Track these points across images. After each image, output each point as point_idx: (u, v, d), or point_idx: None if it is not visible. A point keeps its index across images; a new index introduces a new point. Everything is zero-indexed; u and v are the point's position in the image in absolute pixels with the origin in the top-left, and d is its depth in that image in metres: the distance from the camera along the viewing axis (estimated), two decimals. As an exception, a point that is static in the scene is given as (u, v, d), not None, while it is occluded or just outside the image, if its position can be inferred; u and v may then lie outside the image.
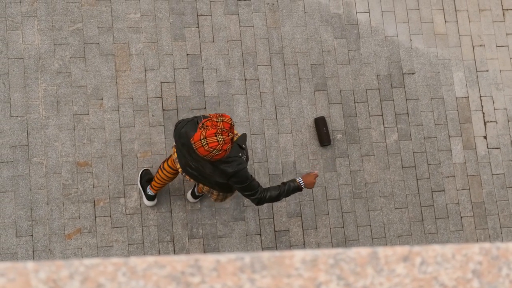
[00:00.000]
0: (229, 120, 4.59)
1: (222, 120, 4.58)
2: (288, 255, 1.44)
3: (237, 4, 6.70)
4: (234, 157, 4.79)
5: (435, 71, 6.91)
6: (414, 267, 1.48)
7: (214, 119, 4.59)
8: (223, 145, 4.52)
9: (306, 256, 1.44)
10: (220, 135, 4.53)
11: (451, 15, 7.06)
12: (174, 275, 1.35)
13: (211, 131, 4.53)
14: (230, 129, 4.59)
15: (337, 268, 1.44)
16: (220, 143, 4.52)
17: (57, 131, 6.15)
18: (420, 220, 6.59)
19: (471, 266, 1.50)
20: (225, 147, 4.53)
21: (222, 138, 4.53)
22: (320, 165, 6.51)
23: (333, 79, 6.69)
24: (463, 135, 6.83)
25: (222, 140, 4.53)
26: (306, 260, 1.43)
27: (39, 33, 6.30)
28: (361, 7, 6.91)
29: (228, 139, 4.54)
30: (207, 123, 4.58)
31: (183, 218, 6.20)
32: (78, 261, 1.32)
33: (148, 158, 6.24)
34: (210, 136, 4.52)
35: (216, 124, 4.56)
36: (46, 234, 5.97)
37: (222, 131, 4.54)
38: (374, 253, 1.47)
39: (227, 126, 4.57)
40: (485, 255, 1.51)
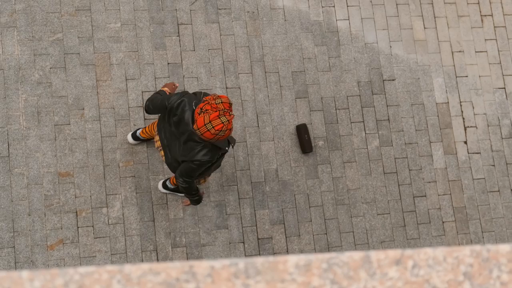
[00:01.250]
0: (227, 100, 4.63)
1: (221, 101, 4.61)
2: (281, 260, 1.44)
3: (217, 13, 6.71)
4: (216, 147, 4.86)
5: (415, 77, 6.95)
6: (406, 270, 1.49)
7: (212, 101, 4.62)
8: (227, 125, 4.59)
9: (300, 260, 1.44)
10: (223, 116, 4.58)
11: (430, 21, 7.12)
12: (169, 282, 1.35)
13: (213, 114, 4.58)
14: (230, 108, 4.62)
15: (331, 272, 1.45)
16: (225, 124, 4.59)
17: (38, 141, 6.12)
18: (402, 226, 6.62)
19: (462, 268, 1.52)
20: (230, 126, 4.61)
21: (226, 119, 4.59)
22: (302, 172, 6.52)
23: (314, 86, 6.71)
24: (444, 141, 6.88)
25: (226, 121, 4.59)
26: (300, 265, 1.44)
27: (19, 44, 6.27)
28: (341, 15, 6.94)
29: (231, 118, 4.62)
30: (206, 107, 4.60)
31: (166, 227, 6.19)
32: (73, 269, 1.32)
33: (131, 168, 6.22)
34: (214, 119, 4.57)
35: (216, 106, 4.59)
36: (28, 245, 5.94)
37: (224, 111, 4.58)
38: (367, 257, 1.48)
39: (227, 106, 4.62)
40: (476, 258, 1.53)
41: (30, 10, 6.35)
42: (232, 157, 6.42)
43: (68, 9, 6.42)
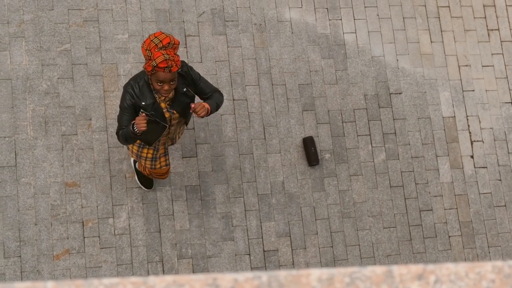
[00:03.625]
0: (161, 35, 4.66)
1: (156, 41, 4.64)
2: (304, 273, 1.44)
3: (225, 25, 6.73)
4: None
5: (422, 91, 6.96)
6: (428, 285, 1.49)
7: (147, 47, 4.64)
8: (149, 42, 4.64)
9: (322, 274, 1.44)
10: (154, 37, 4.65)
11: (437, 35, 7.13)
12: (193, 295, 1.35)
13: (157, 54, 4.59)
14: (166, 39, 4.66)
15: (353, 287, 1.45)
16: (152, 39, 4.63)
17: (45, 151, 6.13)
18: (408, 240, 6.61)
19: (484, 284, 1.52)
20: (155, 49, 4.63)
21: (156, 38, 4.64)
22: (309, 185, 6.53)
23: (321, 99, 6.72)
24: (450, 155, 6.88)
25: (154, 37, 4.64)
26: (323, 279, 1.44)
27: (27, 54, 6.29)
28: (348, 28, 6.96)
29: (162, 40, 4.63)
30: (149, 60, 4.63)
31: (172, 238, 6.19)
32: (97, 280, 1.32)
33: (137, 179, 6.22)
34: (159, 57, 4.58)
35: (155, 46, 4.63)
36: (35, 255, 5.93)
37: (159, 49, 4.63)
38: (389, 271, 1.48)
39: (160, 35, 4.66)
40: (497, 273, 1.53)
41: (38, 20, 6.37)
42: (239, 169, 6.43)
43: (76, 20, 6.44)
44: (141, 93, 4.82)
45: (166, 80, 4.63)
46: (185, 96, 4.95)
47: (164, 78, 4.62)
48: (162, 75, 4.61)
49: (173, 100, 4.94)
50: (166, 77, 4.62)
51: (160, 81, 4.64)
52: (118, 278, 1.31)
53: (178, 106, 4.96)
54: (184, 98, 4.96)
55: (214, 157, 6.41)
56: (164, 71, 4.58)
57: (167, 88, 4.67)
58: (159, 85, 4.67)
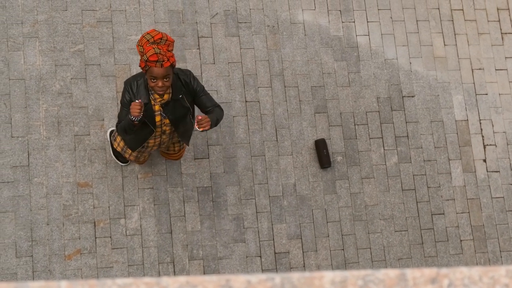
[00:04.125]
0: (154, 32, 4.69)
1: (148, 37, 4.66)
2: (318, 276, 1.44)
3: (238, 26, 6.73)
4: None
5: (435, 94, 6.94)
6: (442, 289, 1.48)
7: (140, 43, 4.67)
8: (143, 39, 4.65)
9: (336, 277, 1.44)
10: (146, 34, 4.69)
11: (450, 38, 7.11)
12: (206, 296, 1.35)
13: (148, 48, 4.61)
14: (157, 35, 4.67)
15: (366, 290, 1.44)
16: (144, 36, 4.65)
17: (58, 151, 6.14)
18: (420, 243, 6.59)
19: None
20: (146, 45, 4.66)
21: (148, 34, 4.66)
22: (320, 187, 6.52)
23: (333, 102, 6.72)
24: (463, 158, 6.86)
25: (147, 35, 4.66)
26: (336, 281, 1.44)
27: (40, 54, 6.31)
28: (361, 30, 6.95)
29: (154, 36, 4.65)
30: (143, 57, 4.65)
31: (184, 239, 6.19)
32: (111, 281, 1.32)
33: (149, 179, 6.23)
34: (150, 51, 4.61)
35: (147, 42, 4.65)
36: (46, 254, 5.95)
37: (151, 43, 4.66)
38: (403, 274, 1.48)
39: (153, 32, 4.69)
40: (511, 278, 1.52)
41: (52, 21, 6.39)
42: (251, 170, 6.43)
43: (90, 21, 6.46)
44: (138, 91, 4.86)
45: (159, 76, 4.63)
46: (180, 104, 4.94)
47: (157, 73, 4.62)
48: (155, 71, 4.61)
49: (167, 104, 4.93)
50: (158, 73, 4.61)
51: (153, 77, 4.64)
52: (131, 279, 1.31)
53: (170, 112, 4.96)
54: (178, 106, 4.95)
55: (226, 159, 6.41)
56: (155, 66, 4.59)
57: (160, 85, 4.67)
58: (153, 81, 4.67)
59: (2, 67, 6.20)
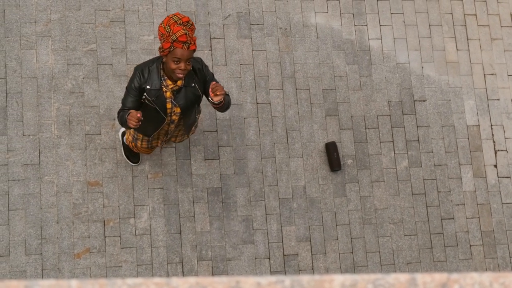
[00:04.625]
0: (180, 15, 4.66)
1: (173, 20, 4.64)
2: (327, 279, 1.44)
3: (250, 28, 6.73)
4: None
5: (446, 99, 6.93)
6: (452, 294, 1.48)
7: (167, 24, 4.63)
8: (170, 20, 4.61)
9: (346, 280, 1.44)
10: (174, 15, 4.64)
11: (463, 43, 7.10)
12: (216, 297, 1.35)
13: (177, 28, 4.58)
14: (183, 19, 4.64)
15: (376, 294, 1.44)
16: (171, 17, 4.62)
17: (68, 150, 6.16)
18: (429, 248, 6.58)
19: (508, 294, 1.50)
20: (173, 25, 4.61)
21: (176, 16, 4.62)
22: (330, 190, 6.51)
23: (344, 105, 6.71)
24: (474, 164, 6.84)
25: (174, 16, 4.63)
26: (346, 285, 1.43)
27: (53, 53, 6.33)
28: (373, 34, 6.94)
29: (181, 20, 4.62)
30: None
31: (193, 240, 6.20)
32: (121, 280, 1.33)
33: (159, 179, 6.24)
34: (179, 31, 4.57)
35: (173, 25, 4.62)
36: (56, 253, 5.97)
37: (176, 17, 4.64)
38: (413, 279, 1.47)
39: (179, 15, 4.65)
40: (522, 284, 1.52)
41: (65, 20, 6.42)
42: (261, 172, 6.43)
43: (103, 20, 6.48)
44: (150, 77, 4.78)
45: (183, 57, 4.57)
46: (191, 91, 4.90)
47: (181, 55, 4.56)
48: (179, 52, 4.55)
49: (178, 91, 4.88)
50: (183, 54, 4.56)
51: (177, 58, 4.57)
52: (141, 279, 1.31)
53: (182, 99, 4.90)
54: (190, 94, 4.90)
55: (236, 160, 6.41)
56: (182, 47, 4.54)
57: (183, 68, 4.60)
58: (176, 63, 4.60)
59: (15, 66, 6.23)
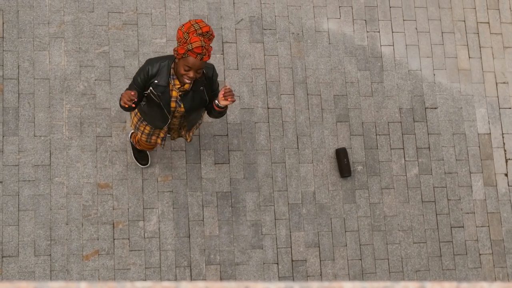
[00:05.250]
0: (203, 23, 4.64)
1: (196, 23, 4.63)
2: (337, 286, 1.44)
3: (262, 33, 6.74)
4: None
5: (458, 107, 6.91)
6: (461, 303, 1.47)
7: (187, 30, 4.62)
8: (189, 25, 4.60)
9: (355, 287, 1.44)
10: (195, 23, 4.63)
11: (475, 51, 7.08)
12: (224, 302, 1.35)
13: (195, 39, 4.58)
14: (203, 27, 4.63)
15: (385, 301, 1.44)
16: (192, 23, 4.60)
17: (79, 152, 6.18)
18: (438, 256, 6.56)
19: (518, 304, 1.50)
20: (189, 30, 4.60)
21: (196, 24, 4.61)
22: (340, 196, 6.50)
23: (355, 111, 6.70)
24: (484, 172, 6.82)
25: (194, 22, 4.61)
26: (354, 292, 1.43)
27: (65, 55, 6.35)
28: (385, 40, 6.93)
29: (199, 28, 4.61)
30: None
31: (201, 244, 6.20)
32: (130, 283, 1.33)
33: (169, 183, 6.25)
34: (196, 42, 4.56)
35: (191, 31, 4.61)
36: (64, 254, 5.98)
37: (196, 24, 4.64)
38: (422, 287, 1.47)
39: (201, 23, 4.63)
40: (532, 294, 1.51)
41: (78, 22, 6.43)
42: (271, 177, 6.42)
43: (116, 23, 6.49)
44: (159, 73, 4.83)
45: (194, 67, 4.61)
46: (199, 95, 4.94)
47: (193, 64, 4.60)
48: (191, 61, 4.59)
49: (186, 93, 4.91)
50: (195, 64, 4.60)
51: (188, 66, 4.62)
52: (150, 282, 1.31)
53: (188, 101, 4.94)
54: (197, 97, 4.94)
55: (246, 165, 6.41)
56: (196, 57, 4.57)
57: (192, 76, 4.65)
58: (186, 70, 4.66)
59: (28, 66, 6.25)
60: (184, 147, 6.34)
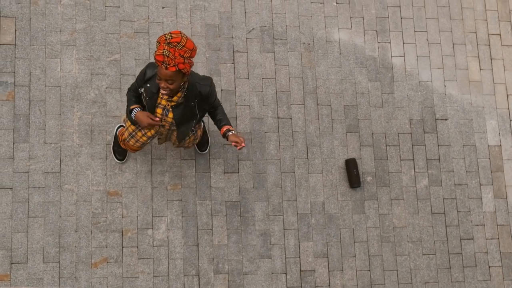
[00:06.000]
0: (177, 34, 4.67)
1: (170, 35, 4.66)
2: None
3: (273, 43, 6.74)
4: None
5: (468, 118, 6.89)
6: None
7: (159, 40, 4.65)
8: (162, 38, 4.62)
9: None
10: (168, 33, 4.68)
11: (486, 63, 7.06)
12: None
13: (159, 47, 4.62)
14: (177, 38, 4.65)
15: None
16: (166, 36, 4.62)
17: (89, 159, 6.19)
18: (447, 268, 6.53)
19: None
20: (162, 43, 4.64)
21: (169, 34, 4.65)
22: (349, 207, 6.49)
23: (365, 121, 6.69)
24: (494, 184, 6.79)
25: (168, 34, 4.64)
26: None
27: (77, 62, 6.37)
28: (396, 51, 6.93)
29: (173, 40, 4.64)
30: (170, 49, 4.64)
31: (210, 252, 6.19)
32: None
33: (178, 191, 6.25)
34: (158, 51, 4.60)
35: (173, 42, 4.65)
36: (73, 261, 5.99)
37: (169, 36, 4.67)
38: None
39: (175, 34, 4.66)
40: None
41: (90, 30, 6.46)
42: (280, 187, 6.42)
43: (127, 31, 6.51)
44: (152, 78, 4.93)
45: (162, 76, 4.67)
46: (190, 110, 5.04)
47: (160, 73, 4.67)
48: (160, 70, 4.66)
49: (177, 105, 5.00)
50: (162, 73, 4.65)
51: (158, 76, 4.70)
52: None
53: (179, 114, 5.04)
54: (187, 111, 5.04)
55: (255, 174, 6.41)
56: (161, 66, 4.61)
57: (163, 85, 4.73)
58: (158, 79, 4.74)
59: (39, 74, 6.27)
60: (194, 156, 6.35)
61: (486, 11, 7.22)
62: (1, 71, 6.25)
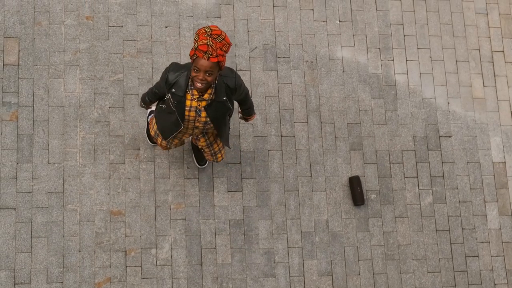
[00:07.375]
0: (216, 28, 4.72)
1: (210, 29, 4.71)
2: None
3: (276, 61, 6.75)
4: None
5: (472, 135, 6.88)
6: None
7: (198, 32, 4.70)
8: (203, 31, 4.68)
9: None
10: (208, 27, 4.72)
11: (490, 79, 7.06)
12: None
13: (202, 38, 4.67)
14: (216, 32, 4.70)
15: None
16: (206, 29, 4.68)
17: (92, 179, 6.19)
18: (452, 286, 6.50)
19: None
20: (203, 37, 4.68)
21: (209, 28, 4.70)
22: (353, 225, 6.47)
23: (369, 139, 6.69)
24: (499, 201, 6.76)
25: (208, 27, 4.69)
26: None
27: (80, 82, 6.39)
28: (399, 69, 6.93)
29: (215, 34, 4.69)
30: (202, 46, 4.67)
31: (214, 271, 6.18)
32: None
33: (181, 210, 6.25)
34: (202, 41, 4.65)
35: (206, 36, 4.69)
36: (77, 281, 5.98)
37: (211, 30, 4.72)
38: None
39: (215, 28, 4.71)
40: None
41: (93, 49, 6.48)
42: (283, 205, 6.41)
43: (130, 51, 6.54)
44: (177, 81, 4.93)
45: (202, 68, 4.64)
46: (223, 104, 5.04)
47: (201, 65, 4.63)
48: (199, 62, 4.63)
49: (209, 104, 5.01)
50: (202, 64, 4.63)
51: (197, 68, 4.66)
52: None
53: (213, 112, 5.06)
54: (220, 106, 5.05)
55: (259, 192, 6.40)
56: (203, 57, 4.60)
57: (201, 77, 4.69)
58: (195, 72, 4.70)
59: (43, 94, 6.30)
60: (197, 174, 6.35)
61: (489, 28, 7.22)
62: (4, 92, 6.27)
